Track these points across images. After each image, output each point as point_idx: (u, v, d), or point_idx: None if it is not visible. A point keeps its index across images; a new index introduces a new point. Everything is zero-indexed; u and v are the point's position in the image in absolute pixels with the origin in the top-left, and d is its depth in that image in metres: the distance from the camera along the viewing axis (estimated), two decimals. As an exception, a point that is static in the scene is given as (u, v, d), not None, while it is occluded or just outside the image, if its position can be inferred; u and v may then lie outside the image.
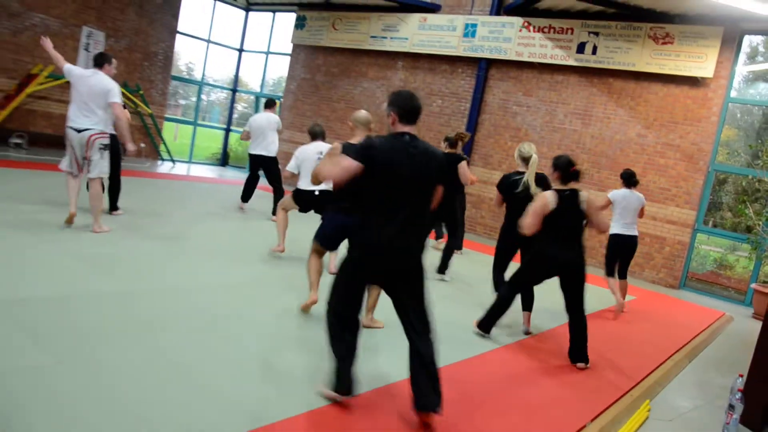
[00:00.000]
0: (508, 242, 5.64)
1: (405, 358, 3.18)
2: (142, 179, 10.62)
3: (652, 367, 5.04)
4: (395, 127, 3.20)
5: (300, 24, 14.62)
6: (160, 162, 14.62)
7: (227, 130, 17.32)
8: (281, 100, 15.45)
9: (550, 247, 4.72)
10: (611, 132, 10.48)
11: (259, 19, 17.07)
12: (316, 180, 3.65)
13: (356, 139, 4.37)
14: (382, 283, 3.31)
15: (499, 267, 5.75)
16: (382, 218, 3.10)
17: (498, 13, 11.65)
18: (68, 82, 6.10)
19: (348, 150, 3.24)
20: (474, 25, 11.80)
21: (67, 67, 6.06)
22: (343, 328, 3.19)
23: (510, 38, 11.32)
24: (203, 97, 17.68)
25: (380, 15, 13.14)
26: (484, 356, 4.53)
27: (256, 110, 16.11)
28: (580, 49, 10.55)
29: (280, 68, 17.05)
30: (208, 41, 16.28)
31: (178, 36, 15.24)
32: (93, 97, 5.97)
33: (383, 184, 3.08)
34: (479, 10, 11.99)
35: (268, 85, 18.01)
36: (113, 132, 6.49)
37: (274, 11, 16.34)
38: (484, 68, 11.80)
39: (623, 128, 10.36)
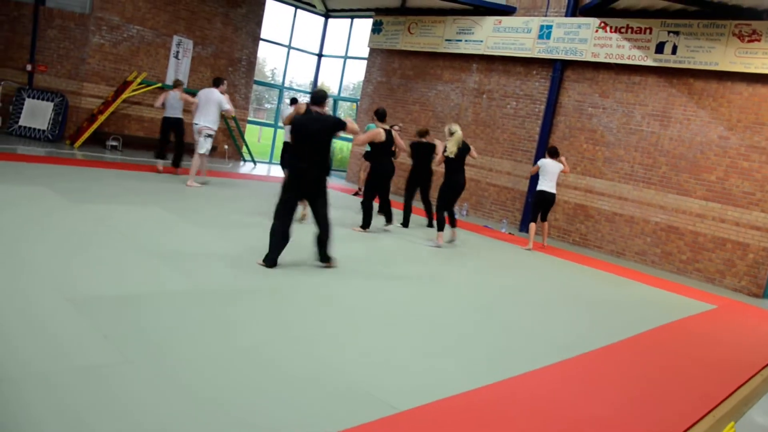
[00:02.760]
0: (450, 186, 8.60)
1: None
2: (222, 179, 11.18)
3: (737, 385, 4.67)
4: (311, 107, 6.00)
5: (377, 29, 14.92)
6: (242, 163, 15.30)
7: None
8: (358, 102, 15.81)
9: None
10: (691, 134, 10.13)
11: (338, 25, 17.55)
12: None
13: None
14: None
15: (442, 205, 8.66)
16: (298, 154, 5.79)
17: (574, 14, 11.50)
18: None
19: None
20: (549, 27, 11.69)
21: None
22: (281, 224, 5.62)
23: (586, 39, 11.15)
24: (285, 101, 18.30)
25: (455, 18, 13.23)
26: (557, 366, 4.39)
27: (334, 113, 16.56)
28: (659, 49, 10.26)
29: (358, 72, 17.44)
30: (289, 47, 16.90)
31: (261, 43, 15.92)
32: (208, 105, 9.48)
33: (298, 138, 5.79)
34: (554, 12, 11.87)
35: (348, 89, 18.45)
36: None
37: (352, 17, 16.76)
38: (559, 69, 11.67)
39: (704, 130, 10.00)
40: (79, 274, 4.45)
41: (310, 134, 5.73)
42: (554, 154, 9.79)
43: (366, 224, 8.67)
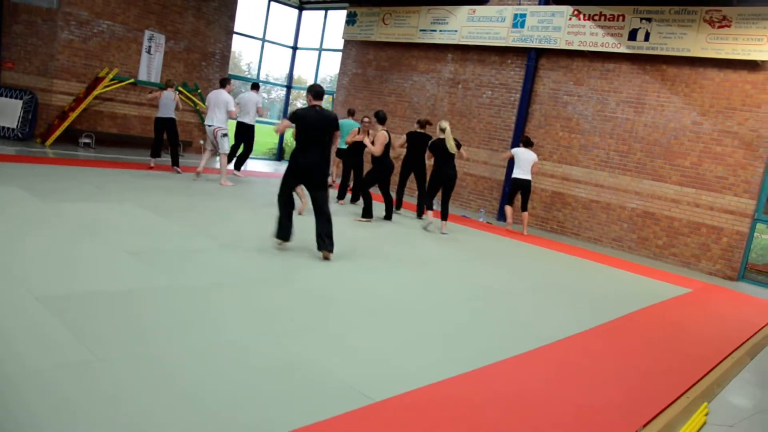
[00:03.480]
0: (438, 178, 9.10)
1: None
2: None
3: (710, 367, 4.70)
4: (310, 102, 6.27)
5: (351, 20, 14.82)
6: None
7: (283, 127, 17.69)
8: (334, 95, 15.71)
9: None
10: (665, 120, 10.22)
11: (312, 16, 17.41)
12: None
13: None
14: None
15: (430, 193, 9.26)
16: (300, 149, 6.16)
17: (547, 3, 11.51)
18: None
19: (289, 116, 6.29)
20: (523, 15, 11.70)
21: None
22: (285, 204, 6.17)
23: (560, 27, 11.17)
24: (264, 95, 18.13)
25: (429, 8, 13.18)
26: (532, 353, 4.38)
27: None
28: (632, 36, 10.31)
29: (333, 64, 17.34)
30: (263, 40, 16.72)
31: (235, 36, 15.73)
32: (218, 106, 9.96)
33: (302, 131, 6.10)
34: (528, 0, 11.88)
35: (325, 82, 18.31)
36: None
37: (326, 8, 16.64)
38: (533, 58, 11.69)
39: (677, 116, 10.09)
40: (50, 273, 4.35)
41: (313, 128, 6.07)
42: (528, 143, 10.27)
43: (368, 214, 9.05)
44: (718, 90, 9.71)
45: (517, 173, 10.09)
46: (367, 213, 9.05)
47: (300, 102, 20.23)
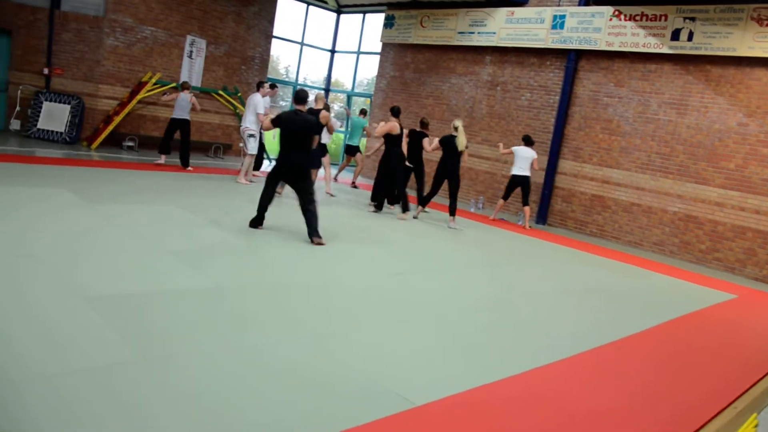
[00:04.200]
0: (443, 171, 9.60)
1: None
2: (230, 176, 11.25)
3: (760, 376, 4.56)
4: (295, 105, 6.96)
5: (389, 23, 14.88)
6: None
7: (320, 129, 17.87)
8: (372, 98, 15.79)
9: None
10: (709, 122, 9.98)
11: (350, 20, 17.53)
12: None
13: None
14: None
15: (435, 187, 9.76)
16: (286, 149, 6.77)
17: (587, 3, 11.36)
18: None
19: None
20: (562, 16, 11.58)
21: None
22: (266, 198, 6.80)
23: (600, 28, 11.02)
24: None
25: (467, 11, 13.15)
26: (568, 360, 4.31)
27: (349, 107, 16.55)
28: (675, 36, 10.11)
29: (371, 67, 17.41)
30: (302, 44, 16.91)
31: (273, 40, 15.94)
32: (249, 107, 10.39)
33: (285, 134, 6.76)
34: (568, 2, 11.75)
35: (363, 85, 18.42)
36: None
37: (364, 12, 16.72)
38: (573, 60, 11.55)
39: (722, 117, 9.85)
40: (94, 273, 4.50)
41: (295, 132, 6.71)
42: (529, 142, 10.85)
43: (405, 208, 9.71)
44: (765, 90, 9.44)
45: (515, 170, 10.75)
46: (405, 207, 9.71)
47: (337, 105, 20.38)
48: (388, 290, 5.48)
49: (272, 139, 12.40)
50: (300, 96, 6.95)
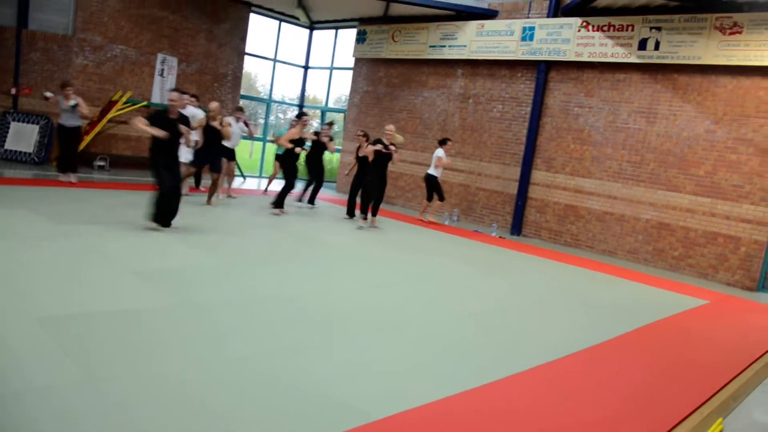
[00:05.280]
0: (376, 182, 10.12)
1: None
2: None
3: (727, 380, 4.54)
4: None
5: (361, 38, 14.91)
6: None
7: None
8: (345, 113, 15.77)
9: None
10: (678, 129, 10.09)
11: (323, 36, 17.56)
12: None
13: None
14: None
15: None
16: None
17: (555, 15, 11.48)
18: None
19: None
20: (532, 28, 11.68)
21: None
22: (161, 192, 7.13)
23: (569, 39, 11.13)
24: (280, 115, 18.24)
25: (438, 24, 13.23)
26: (533, 371, 4.24)
27: (322, 122, 16.49)
28: (642, 45, 10.23)
29: (345, 83, 17.44)
30: (275, 60, 16.88)
31: (247, 57, 15.89)
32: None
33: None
34: (536, 14, 11.86)
35: (341, 101, 18.45)
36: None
37: (336, 27, 16.76)
38: (543, 71, 11.64)
39: (690, 125, 9.96)
40: (55, 294, 4.37)
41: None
42: (442, 143, 11.60)
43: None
44: (731, 97, 9.58)
45: (432, 171, 11.60)
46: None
47: (316, 122, 20.38)
48: (362, 303, 5.41)
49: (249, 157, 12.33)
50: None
